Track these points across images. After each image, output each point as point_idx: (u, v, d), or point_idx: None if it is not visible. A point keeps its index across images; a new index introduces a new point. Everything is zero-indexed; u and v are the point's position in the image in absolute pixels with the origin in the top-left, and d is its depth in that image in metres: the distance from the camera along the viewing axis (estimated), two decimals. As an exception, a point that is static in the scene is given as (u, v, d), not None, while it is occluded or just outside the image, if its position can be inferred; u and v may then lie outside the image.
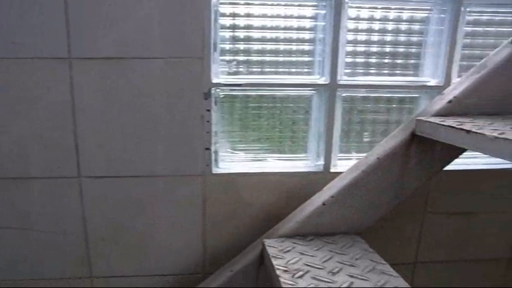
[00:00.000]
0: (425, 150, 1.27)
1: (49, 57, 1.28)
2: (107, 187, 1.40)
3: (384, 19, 1.44)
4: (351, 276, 1.07)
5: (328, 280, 1.05)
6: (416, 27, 1.46)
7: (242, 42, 1.40)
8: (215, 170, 1.44)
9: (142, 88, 1.33)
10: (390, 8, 1.43)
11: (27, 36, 1.25)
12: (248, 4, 1.37)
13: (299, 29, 1.41)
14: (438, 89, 1.44)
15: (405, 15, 1.44)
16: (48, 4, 1.24)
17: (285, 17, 1.39)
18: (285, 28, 1.40)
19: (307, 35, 1.42)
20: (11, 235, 1.41)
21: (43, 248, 1.43)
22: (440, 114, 1.24)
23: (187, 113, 1.37)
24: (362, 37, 1.44)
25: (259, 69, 1.42)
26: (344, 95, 1.46)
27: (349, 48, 1.44)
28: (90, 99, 1.32)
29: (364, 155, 1.32)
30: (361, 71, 1.47)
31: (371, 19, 1.43)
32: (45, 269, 1.45)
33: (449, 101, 1.24)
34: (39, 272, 1.45)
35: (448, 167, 1.32)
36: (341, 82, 1.43)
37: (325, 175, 1.46)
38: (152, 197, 1.42)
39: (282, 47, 1.42)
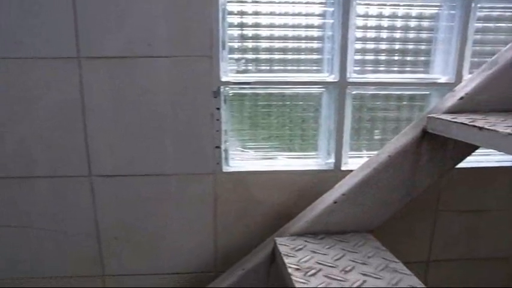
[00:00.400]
0: (436, 147, 1.26)
1: (58, 57, 1.28)
2: (118, 186, 1.40)
3: (393, 16, 1.43)
4: (364, 275, 1.06)
5: (340, 278, 1.04)
6: (426, 23, 1.44)
7: (250, 41, 1.40)
8: (225, 169, 1.44)
9: (151, 87, 1.33)
10: (399, 5, 1.42)
11: (35, 36, 1.26)
12: (256, 2, 1.37)
13: (307, 26, 1.40)
14: (449, 86, 1.43)
15: (414, 11, 1.43)
16: (57, 4, 1.24)
17: (293, 14, 1.39)
18: (293, 26, 1.40)
19: (315, 33, 1.41)
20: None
21: (55, 247, 1.44)
22: (451, 111, 1.23)
23: (196, 112, 1.37)
24: (371, 34, 1.44)
25: (268, 67, 1.42)
26: (354, 92, 1.45)
27: (358, 46, 1.43)
28: (99, 98, 1.33)
29: (375, 152, 1.32)
30: (371, 68, 1.46)
31: (380, 16, 1.43)
32: (57, 267, 1.46)
33: (461, 98, 1.23)
34: (52, 270, 1.46)
35: (460, 165, 1.31)
36: (350, 80, 1.42)
37: (336, 173, 1.46)
38: (163, 196, 1.43)
39: (290, 45, 1.41)
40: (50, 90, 1.30)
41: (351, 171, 1.33)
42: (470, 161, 1.45)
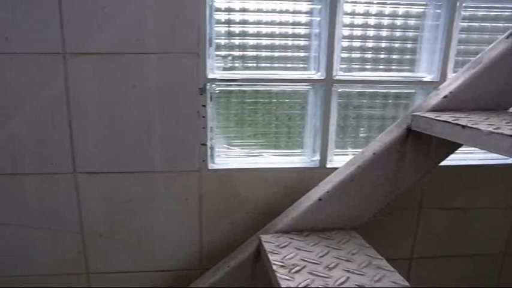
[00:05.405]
0: (421, 145, 1.27)
1: (43, 53, 1.26)
2: (103, 183, 1.39)
3: (380, 14, 1.44)
4: (347, 271, 1.07)
5: (324, 275, 1.05)
6: (412, 22, 1.45)
7: (237, 38, 1.39)
8: (211, 166, 1.44)
9: (137, 83, 1.32)
10: (386, 3, 1.42)
11: (20, 32, 1.24)
12: (243, -1, 1.36)
13: (294, 24, 1.40)
14: (434, 85, 1.44)
15: (401, 10, 1.44)
16: (42, -1, 1.23)
17: (281, 12, 1.39)
18: (280, 23, 1.40)
19: (302, 30, 1.41)
20: (5, 232, 1.40)
21: (38, 245, 1.42)
22: (435, 109, 1.24)
23: (182, 109, 1.36)
24: (358, 32, 1.44)
25: (254, 65, 1.42)
26: (340, 90, 1.45)
27: (345, 44, 1.43)
28: (85, 94, 1.31)
29: (360, 150, 1.33)
30: (357, 66, 1.46)
31: (367, 14, 1.43)
32: (40, 265, 1.44)
33: (445, 96, 1.24)
34: (35, 269, 1.45)
35: (444, 162, 1.32)
36: (337, 77, 1.43)
37: (321, 170, 1.46)
38: (148, 193, 1.42)
39: (277, 42, 1.41)
40: (35, 86, 1.28)
41: (336, 168, 1.33)
42: (454, 159, 1.46)
